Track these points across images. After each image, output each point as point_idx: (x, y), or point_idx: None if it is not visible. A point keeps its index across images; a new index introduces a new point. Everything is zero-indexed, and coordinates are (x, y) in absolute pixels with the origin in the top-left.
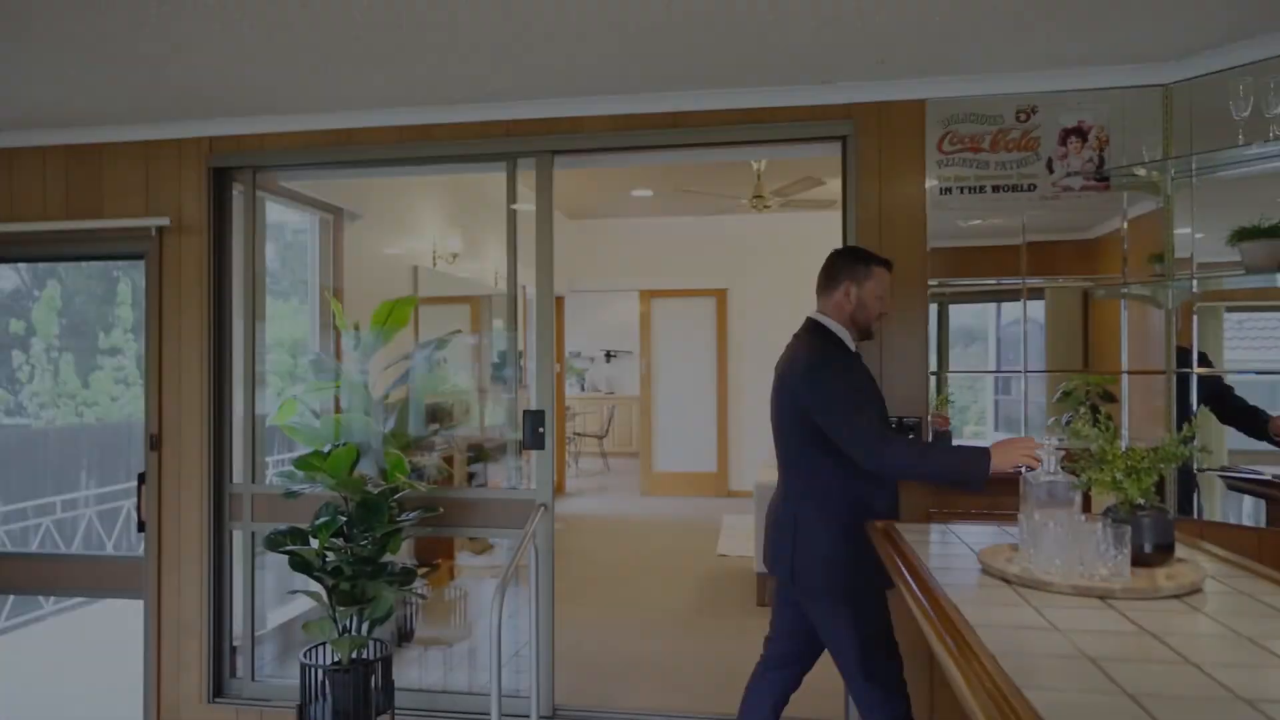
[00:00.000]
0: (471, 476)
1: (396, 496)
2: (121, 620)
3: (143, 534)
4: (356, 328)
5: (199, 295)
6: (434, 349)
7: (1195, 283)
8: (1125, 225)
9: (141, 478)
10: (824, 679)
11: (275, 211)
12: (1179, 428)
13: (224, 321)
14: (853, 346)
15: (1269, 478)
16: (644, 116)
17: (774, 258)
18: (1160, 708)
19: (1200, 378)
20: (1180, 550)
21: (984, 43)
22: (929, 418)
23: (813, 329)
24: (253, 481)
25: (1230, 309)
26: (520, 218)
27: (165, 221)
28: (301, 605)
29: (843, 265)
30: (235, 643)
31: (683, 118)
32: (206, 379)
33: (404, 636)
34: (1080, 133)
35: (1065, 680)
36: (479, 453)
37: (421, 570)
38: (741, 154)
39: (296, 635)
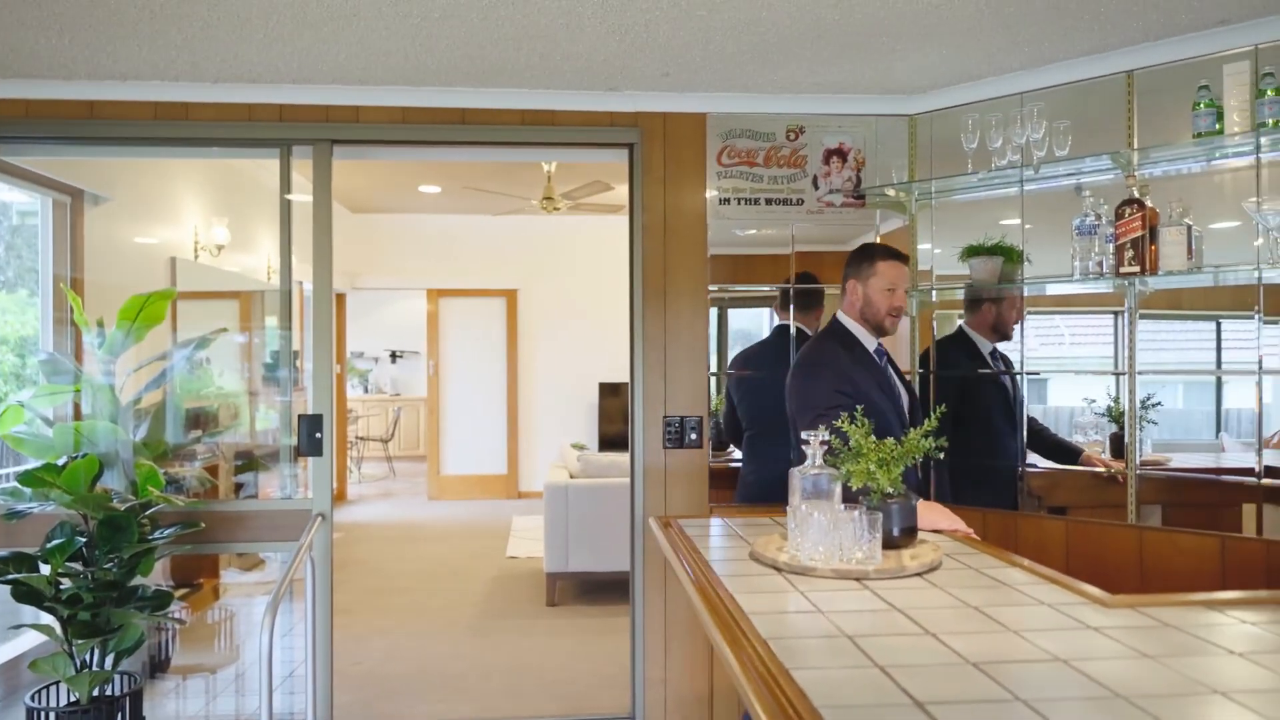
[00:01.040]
0: (239, 487)
1: (148, 512)
2: None
3: None
4: (101, 324)
5: None
6: (195, 348)
7: (934, 293)
8: (878, 239)
9: None
10: (613, 673)
11: None
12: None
13: None
14: (871, 344)
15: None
16: (430, 110)
17: (565, 259)
18: (904, 676)
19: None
20: (922, 533)
21: (758, 65)
22: (706, 416)
23: (829, 327)
24: None
25: (961, 316)
26: (296, 209)
27: None
28: (31, 640)
29: (850, 263)
30: None
31: (471, 114)
32: None
33: (158, 667)
34: (841, 154)
35: (827, 658)
36: (249, 461)
37: (180, 592)
38: (530, 155)
39: (24, 675)
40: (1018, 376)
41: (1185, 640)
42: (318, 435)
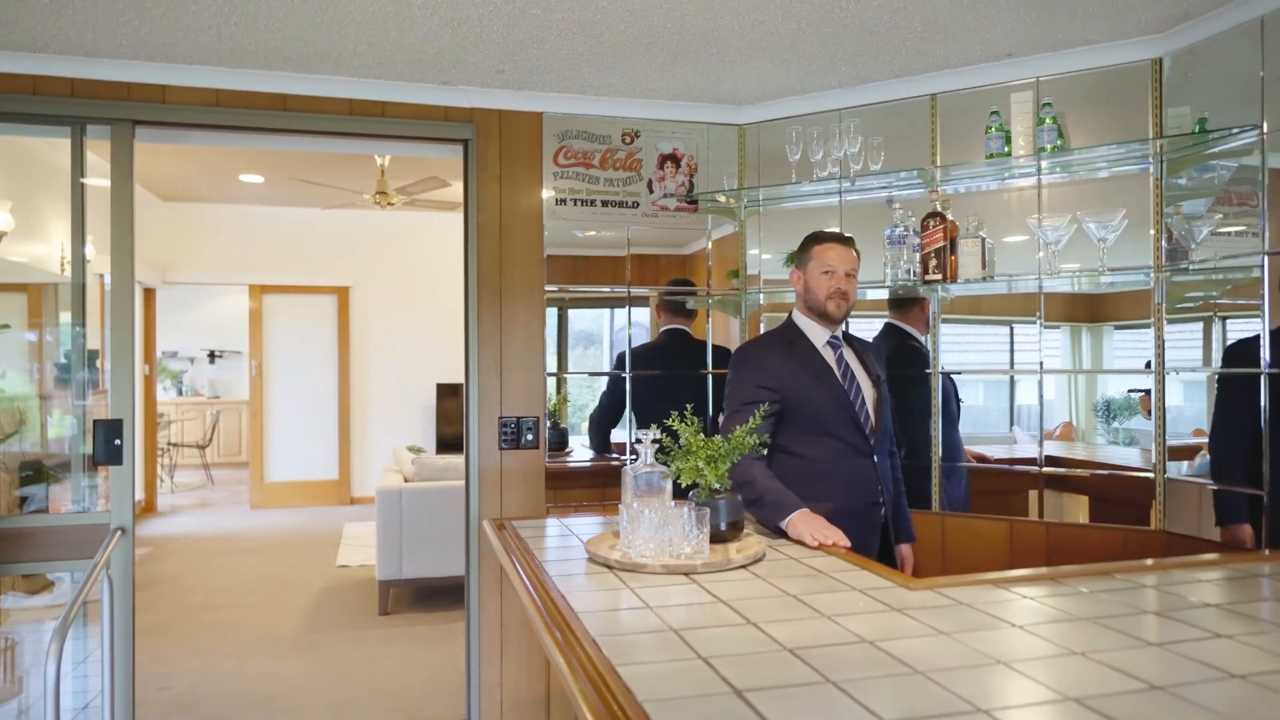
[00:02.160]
0: (24, 500)
1: None
2: None
3: None
4: None
5: None
6: None
7: (762, 296)
8: (710, 244)
9: None
10: (448, 679)
11: None
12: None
13: None
14: (821, 338)
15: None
16: (249, 94)
17: (401, 256)
18: (726, 666)
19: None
20: (748, 526)
21: (594, 67)
22: (543, 417)
23: (780, 324)
24: None
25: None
26: (93, 194)
27: None
28: None
29: (796, 254)
30: None
31: (294, 101)
32: None
33: None
34: (675, 159)
35: (654, 653)
36: (37, 471)
37: None
38: (360, 147)
39: None
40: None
41: (976, 616)
42: (117, 442)
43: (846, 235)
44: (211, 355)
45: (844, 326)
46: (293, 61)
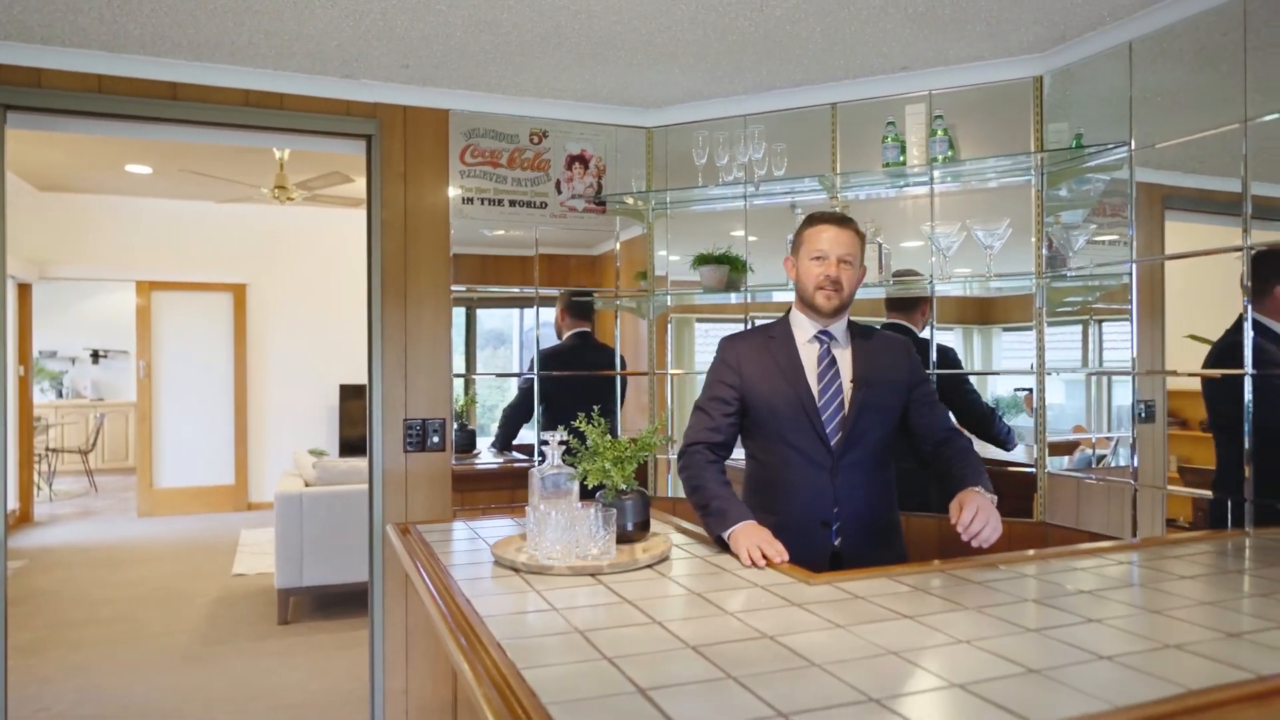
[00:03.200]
0: None
1: None
2: None
3: None
4: None
5: None
6: None
7: (669, 298)
8: (618, 245)
9: None
10: (351, 688)
11: None
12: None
13: None
14: (809, 332)
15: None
16: (134, 81)
17: (302, 253)
18: (631, 665)
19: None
20: (655, 526)
21: (501, 65)
22: (449, 418)
23: (781, 316)
24: None
25: (699, 320)
26: None
27: None
28: None
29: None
30: None
31: (184, 90)
32: None
33: None
34: (583, 160)
35: (559, 655)
36: None
37: None
38: (257, 139)
39: None
40: None
41: (871, 609)
42: None
43: (845, 215)
44: (95, 355)
45: (843, 320)
46: (183, 48)
